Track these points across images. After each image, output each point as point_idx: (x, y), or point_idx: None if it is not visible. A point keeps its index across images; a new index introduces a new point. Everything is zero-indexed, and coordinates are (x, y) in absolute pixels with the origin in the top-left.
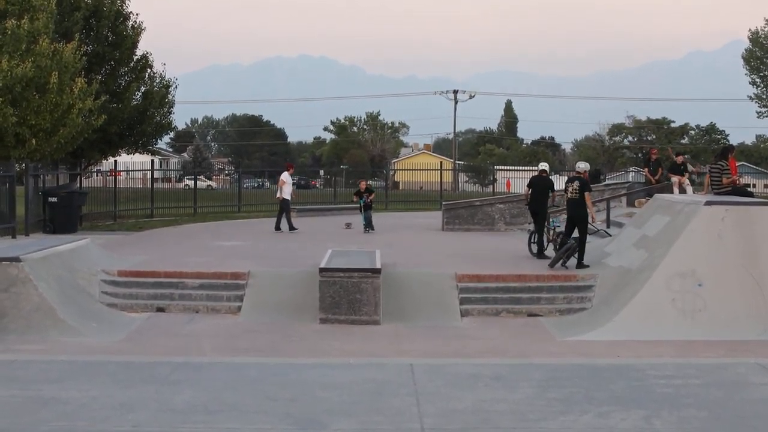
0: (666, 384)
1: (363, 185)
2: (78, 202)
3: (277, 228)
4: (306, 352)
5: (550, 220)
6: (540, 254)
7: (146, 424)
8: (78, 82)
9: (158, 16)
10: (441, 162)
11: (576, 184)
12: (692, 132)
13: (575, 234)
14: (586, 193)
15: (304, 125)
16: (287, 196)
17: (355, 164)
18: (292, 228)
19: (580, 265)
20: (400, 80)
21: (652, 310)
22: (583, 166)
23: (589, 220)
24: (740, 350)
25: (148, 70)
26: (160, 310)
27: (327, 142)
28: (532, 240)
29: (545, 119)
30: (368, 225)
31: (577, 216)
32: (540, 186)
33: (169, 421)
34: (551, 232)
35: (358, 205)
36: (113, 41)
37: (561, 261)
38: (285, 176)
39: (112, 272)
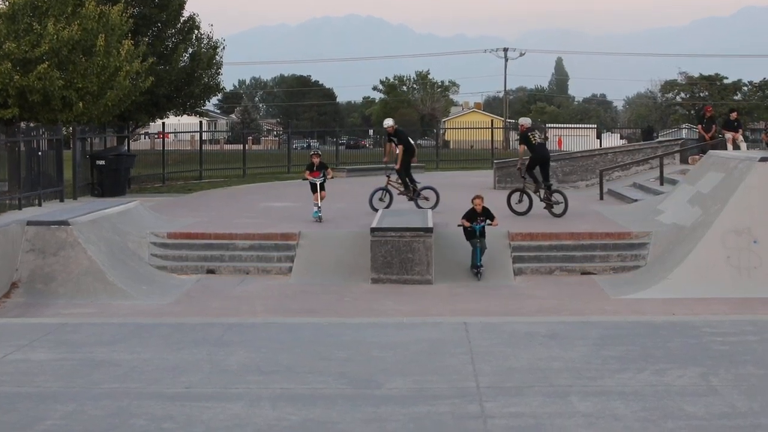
0: (722, 341)
1: (316, 159)
2: (126, 164)
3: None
4: (359, 312)
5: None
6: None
7: (199, 386)
8: (125, 44)
9: None
10: (492, 120)
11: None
12: (745, 88)
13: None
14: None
15: (352, 85)
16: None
17: (405, 124)
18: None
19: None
20: (449, 39)
21: (707, 268)
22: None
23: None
24: None
25: (195, 32)
26: (211, 272)
27: (376, 101)
28: (520, 200)
29: (596, 77)
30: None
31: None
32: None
33: (223, 382)
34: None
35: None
36: (160, 3)
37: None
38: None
39: (161, 235)
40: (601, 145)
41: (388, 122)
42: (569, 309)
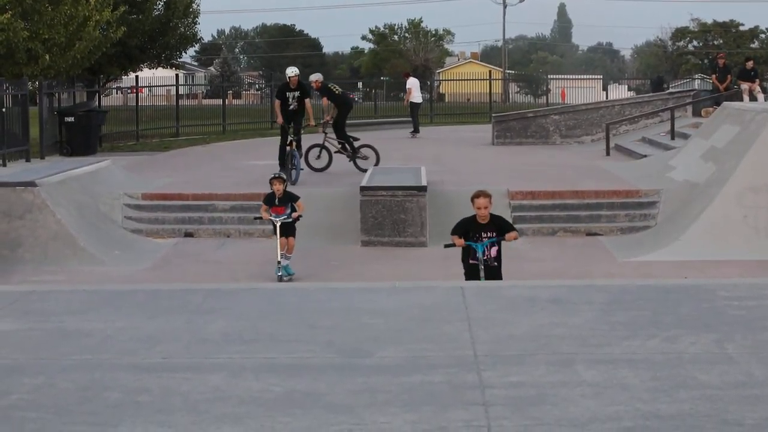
0: (738, 306)
1: (279, 187)
2: (97, 121)
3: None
4: (348, 277)
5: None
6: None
7: (178, 356)
8: None
9: None
10: (490, 71)
11: None
12: (763, 35)
13: None
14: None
15: (340, 35)
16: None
17: (396, 75)
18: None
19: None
20: None
21: (721, 228)
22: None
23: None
24: None
25: None
26: (189, 235)
27: (366, 52)
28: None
29: (602, 23)
30: None
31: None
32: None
33: (203, 352)
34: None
35: None
36: None
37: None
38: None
39: (136, 196)
40: (607, 98)
41: (314, 77)
42: (574, 272)
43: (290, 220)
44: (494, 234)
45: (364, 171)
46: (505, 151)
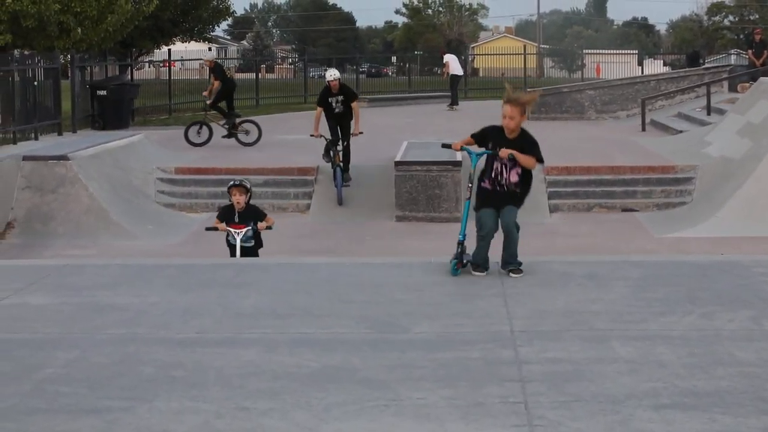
0: None
1: (240, 198)
2: (129, 95)
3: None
4: (382, 252)
5: None
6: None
7: (212, 330)
8: None
9: None
10: (524, 46)
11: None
12: None
13: None
14: None
15: (373, 8)
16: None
17: (430, 50)
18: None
19: None
20: None
21: (758, 204)
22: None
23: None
24: None
25: None
26: None
27: (399, 26)
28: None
29: None
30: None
31: None
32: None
33: (237, 327)
34: None
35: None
36: None
37: None
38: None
39: (168, 170)
40: (642, 73)
41: (209, 55)
42: (609, 248)
43: (252, 244)
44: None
45: (247, 144)
46: (539, 126)
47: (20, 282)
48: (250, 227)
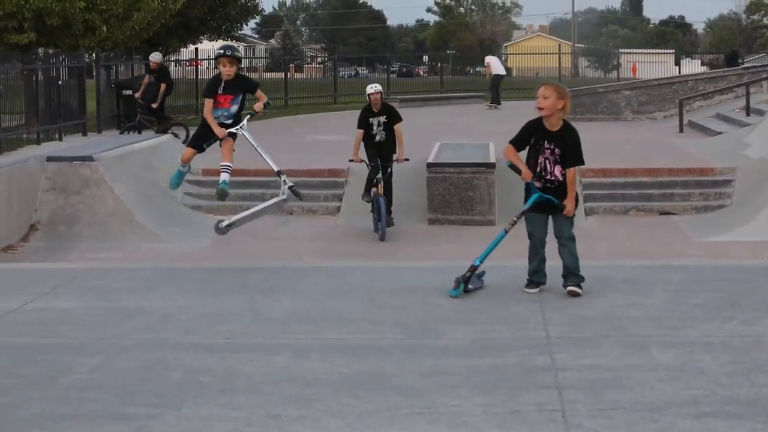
0: None
1: (227, 69)
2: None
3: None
4: (414, 256)
5: None
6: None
7: (242, 335)
8: None
9: None
10: (559, 45)
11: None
12: None
13: None
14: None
15: (405, 7)
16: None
17: (462, 49)
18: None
19: None
20: None
21: None
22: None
23: None
24: None
25: None
26: None
27: (431, 25)
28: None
29: None
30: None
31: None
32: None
33: (267, 332)
34: None
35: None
36: None
37: None
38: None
39: (196, 171)
40: (680, 72)
41: (156, 57)
42: (647, 252)
43: (239, 128)
44: (556, 148)
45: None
46: (575, 126)
47: (45, 285)
48: (234, 108)
